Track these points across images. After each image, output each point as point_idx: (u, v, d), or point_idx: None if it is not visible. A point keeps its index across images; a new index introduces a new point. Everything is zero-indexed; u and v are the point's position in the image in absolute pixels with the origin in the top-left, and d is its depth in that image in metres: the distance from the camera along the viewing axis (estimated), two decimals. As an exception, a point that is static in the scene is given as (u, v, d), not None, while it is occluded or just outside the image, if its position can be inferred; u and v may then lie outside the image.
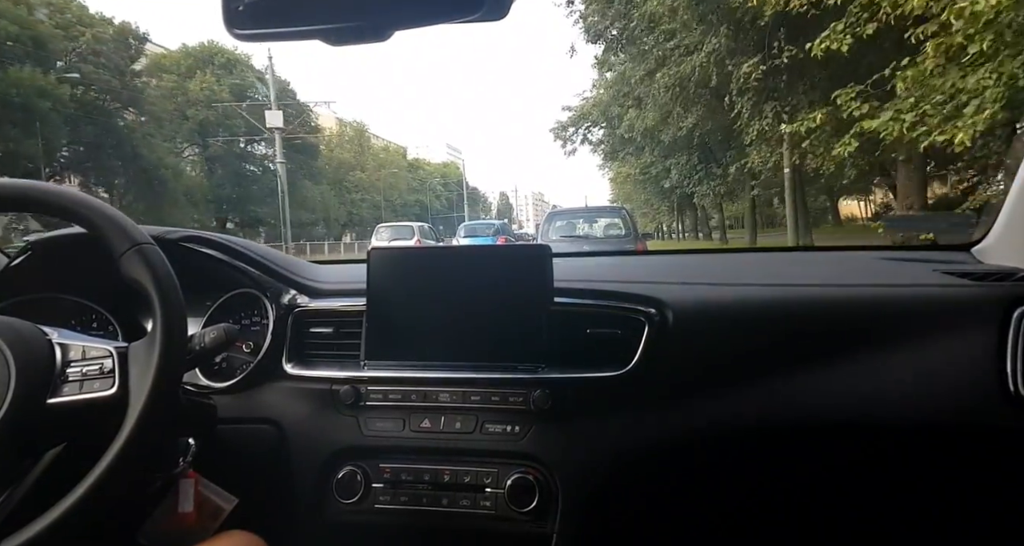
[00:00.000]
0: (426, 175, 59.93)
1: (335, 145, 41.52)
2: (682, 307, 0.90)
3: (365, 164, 44.33)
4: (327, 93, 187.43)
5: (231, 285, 1.03)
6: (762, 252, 1.50)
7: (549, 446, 0.87)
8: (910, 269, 1.05)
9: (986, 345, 0.82)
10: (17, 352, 0.62)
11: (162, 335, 0.64)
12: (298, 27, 0.51)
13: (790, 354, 0.89)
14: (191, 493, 0.82)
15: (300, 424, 0.95)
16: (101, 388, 0.63)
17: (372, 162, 45.87)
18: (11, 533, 0.57)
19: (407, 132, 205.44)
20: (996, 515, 0.91)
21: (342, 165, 40.61)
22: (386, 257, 0.94)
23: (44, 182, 0.71)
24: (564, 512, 0.85)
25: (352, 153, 43.30)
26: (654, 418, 0.88)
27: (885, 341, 0.86)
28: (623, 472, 0.87)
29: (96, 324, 1.03)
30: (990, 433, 0.83)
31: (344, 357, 0.95)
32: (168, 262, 0.68)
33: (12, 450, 0.61)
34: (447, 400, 0.90)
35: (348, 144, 43.61)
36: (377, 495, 0.89)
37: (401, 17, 0.50)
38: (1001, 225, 1.03)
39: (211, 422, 0.85)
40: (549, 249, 0.92)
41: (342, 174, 39.97)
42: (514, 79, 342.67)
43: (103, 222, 0.67)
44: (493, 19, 0.48)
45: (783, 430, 0.88)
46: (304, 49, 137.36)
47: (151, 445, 0.63)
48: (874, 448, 0.89)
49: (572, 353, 0.89)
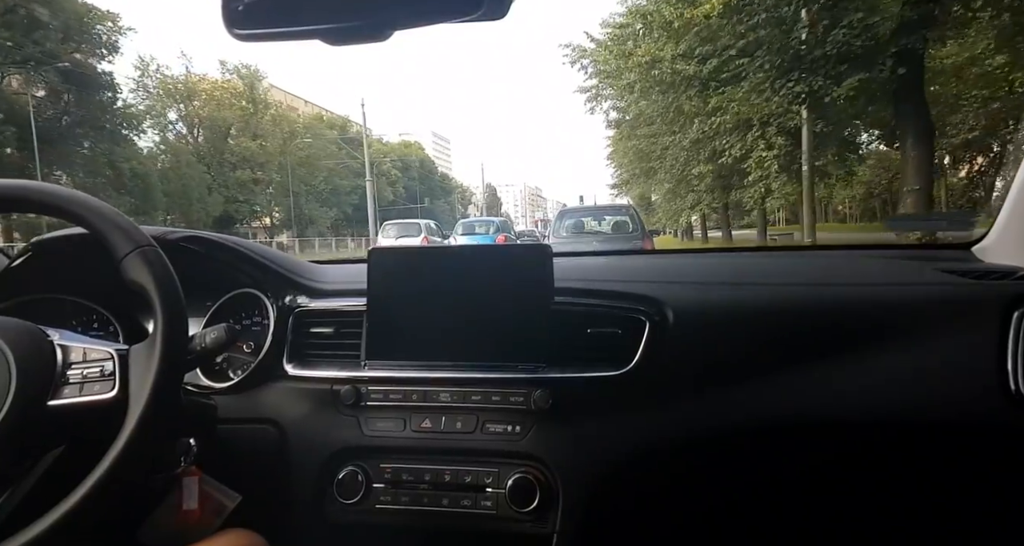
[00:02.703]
0: (376, 155, 44.58)
1: (208, 98, 30.08)
2: (683, 306, 0.90)
3: (262, 129, 31.70)
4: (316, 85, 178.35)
5: (232, 285, 1.03)
6: (763, 251, 1.50)
7: (550, 446, 0.87)
8: (910, 268, 1.05)
9: (986, 344, 0.82)
10: (18, 353, 0.62)
11: (163, 338, 0.64)
12: (298, 27, 0.52)
13: (791, 353, 0.89)
14: (195, 490, 0.82)
15: (301, 424, 0.95)
16: (101, 391, 0.63)
17: (276, 128, 33.02)
18: (12, 534, 0.57)
19: (392, 121, 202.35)
20: (997, 514, 0.91)
21: (217, 127, 29.84)
22: (386, 257, 0.94)
23: (46, 183, 0.71)
24: (565, 512, 0.85)
25: (239, 113, 31.06)
26: (655, 417, 0.88)
27: (886, 340, 0.86)
28: (624, 472, 0.87)
29: (97, 325, 1.03)
30: (990, 432, 0.83)
31: (345, 357, 0.95)
32: (169, 264, 0.68)
33: (12, 451, 0.61)
34: (448, 400, 0.90)
35: (234, 99, 31.38)
36: (378, 495, 0.89)
37: (401, 17, 0.50)
38: (1001, 224, 1.03)
39: (212, 422, 0.85)
40: (550, 248, 0.92)
41: (218, 142, 29.69)
42: (511, 68, 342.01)
43: (104, 224, 0.67)
44: (493, 18, 0.48)
45: (784, 429, 0.88)
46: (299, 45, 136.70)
47: (152, 446, 0.63)
48: (876, 447, 0.89)
49: (573, 353, 0.89)
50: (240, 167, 30.58)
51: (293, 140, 34.08)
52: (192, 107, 29.57)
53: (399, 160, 50.71)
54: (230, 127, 30.98)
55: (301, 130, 36.08)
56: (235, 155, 30.43)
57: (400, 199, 47.97)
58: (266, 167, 31.72)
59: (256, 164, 31.18)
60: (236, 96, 31.97)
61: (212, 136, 30.72)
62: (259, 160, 31.29)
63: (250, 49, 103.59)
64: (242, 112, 31.56)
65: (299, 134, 35.29)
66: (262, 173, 31.72)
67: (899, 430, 0.86)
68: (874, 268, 1.12)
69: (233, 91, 31.93)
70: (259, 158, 31.24)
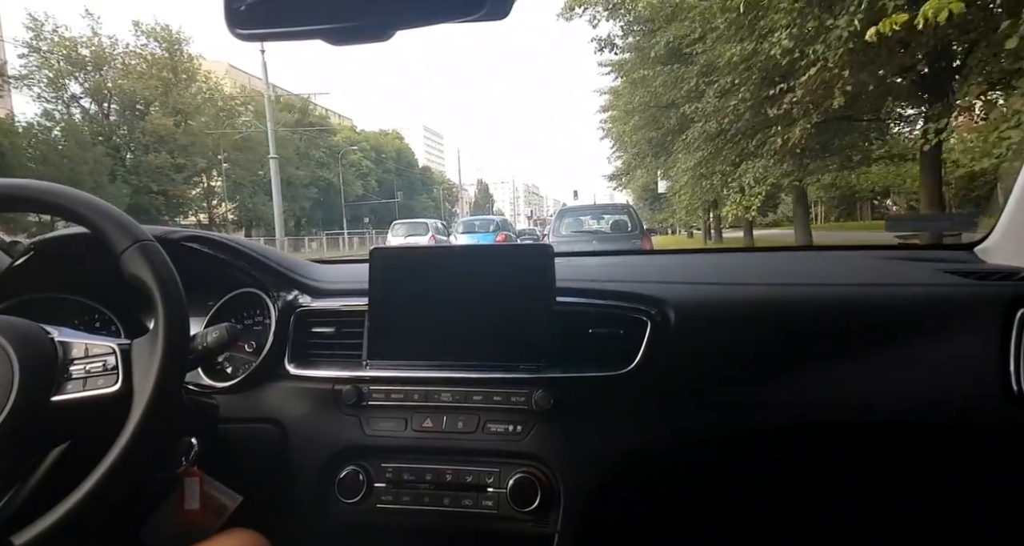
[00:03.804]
0: (342, 144, 39.14)
1: (121, 67, 24.38)
2: (684, 306, 0.90)
3: (184, 104, 25.85)
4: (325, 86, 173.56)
5: (233, 285, 1.03)
6: (764, 252, 1.49)
7: (551, 446, 0.87)
8: (912, 269, 1.05)
9: (989, 345, 0.82)
10: (20, 351, 0.62)
11: (164, 330, 0.64)
12: (300, 27, 0.52)
13: (792, 354, 0.89)
14: (197, 491, 0.82)
15: (302, 424, 0.95)
16: (105, 385, 0.64)
17: (208, 105, 27.03)
18: (16, 530, 0.57)
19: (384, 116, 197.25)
20: (999, 514, 0.91)
21: (131, 101, 24.19)
22: (388, 257, 0.94)
23: (44, 181, 0.71)
24: (566, 511, 0.85)
25: (157, 84, 25.16)
26: (656, 417, 0.88)
27: (888, 340, 0.86)
28: (625, 471, 0.87)
29: (99, 323, 1.03)
30: (993, 432, 0.83)
31: (346, 357, 0.95)
32: (168, 258, 0.68)
33: (17, 448, 0.61)
34: (449, 400, 0.90)
35: (153, 69, 25.67)
36: (379, 495, 0.89)
37: (402, 16, 0.50)
38: (1004, 224, 1.02)
39: (213, 421, 0.86)
40: (551, 248, 0.92)
41: (132, 120, 24.29)
42: (504, 63, 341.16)
43: (103, 221, 0.68)
44: (495, 19, 0.48)
45: (785, 429, 0.88)
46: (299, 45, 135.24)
47: (154, 443, 0.63)
48: (877, 447, 0.89)
49: (574, 352, 0.89)
50: (155, 150, 24.44)
51: (232, 120, 27.90)
52: (100, 77, 24.10)
53: (373, 151, 44.19)
54: (151, 103, 25.30)
55: (240, 108, 29.74)
56: (150, 135, 24.35)
57: (371, 193, 42.04)
58: (190, 151, 25.41)
59: (177, 147, 24.99)
60: (156, 65, 25.91)
61: (126, 113, 25.16)
62: (181, 142, 25.05)
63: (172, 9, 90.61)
64: (161, 83, 25.67)
65: (238, 113, 29.13)
66: (186, 159, 25.46)
67: (901, 430, 0.86)
68: (876, 268, 1.12)
69: (152, 59, 26.06)
70: (181, 140, 25.02)
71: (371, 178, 42.57)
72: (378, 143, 46.72)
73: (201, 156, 25.89)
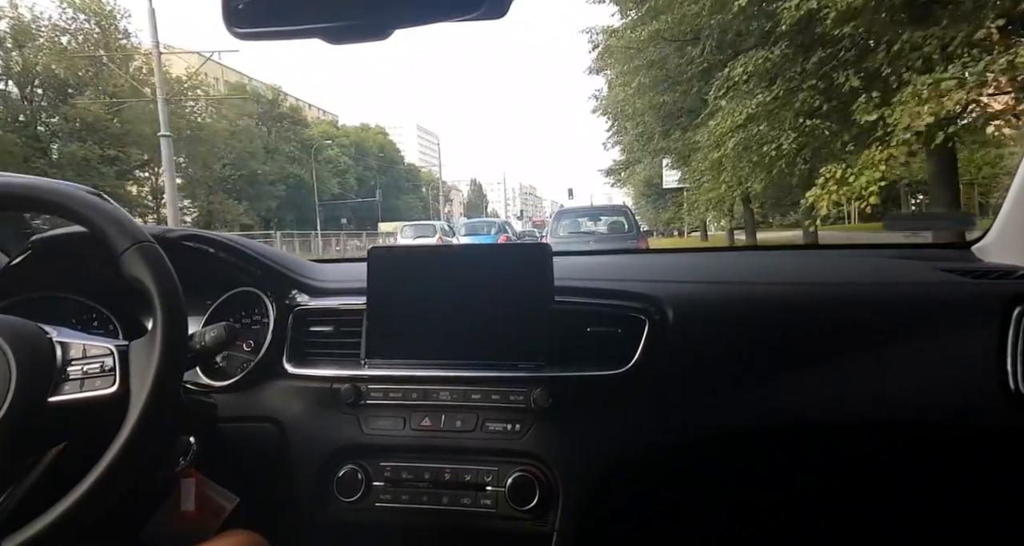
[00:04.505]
0: (317, 138, 35.54)
1: (47, 43, 20.88)
2: (682, 305, 0.90)
3: (118, 87, 21.67)
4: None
5: (231, 284, 1.03)
6: (762, 250, 1.50)
7: (550, 444, 0.87)
8: (910, 267, 1.05)
9: (986, 343, 0.82)
10: (18, 351, 0.62)
11: (163, 333, 0.64)
12: (298, 26, 0.52)
13: (790, 353, 0.89)
14: (193, 492, 0.82)
15: (301, 423, 0.95)
16: (102, 386, 0.63)
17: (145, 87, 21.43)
18: (13, 531, 0.57)
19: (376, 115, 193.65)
20: (997, 513, 0.91)
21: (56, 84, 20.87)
22: (386, 256, 0.94)
23: (44, 180, 0.71)
24: (565, 510, 0.85)
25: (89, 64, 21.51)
26: (654, 416, 0.88)
27: (885, 340, 0.86)
28: (624, 470, 0.88)
29: (97, 323, 1.03)
30: (990, 431, 0.83)
31: (344, 356, 0.95)
32: (168, 260, 0.68)
33: (13, 449, 0.61)
34: (447, 398, 0.90)
35: (84, 47, 22.00)
36: (378, 493, 0.89)
37: (401, 15, 0.50)
38: (1001, 223, 1.03)
39: (211, 421, 0.86)
40: (549, 247, 0.92)
41: (58, 104, 20.91)
42: (501, 63, 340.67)
43: (103, 221, 0.67)
44: (493, 18, 0.48)
45: (783, 428, 0.88)
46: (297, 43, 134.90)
47: (152, 443, 0.63)
48: (874, 447, 0.89)
49: (572, 351, 0.89)
50: (79, 139, 20.58)
51: (179, 106, 23.52)
52: (22, 56, 20.57)
53: (352, 146, 40.08)
54: (84, 87, 21.82)
55: (191, 92, 25.51)
56: (78, 122, 20.64)
57: (350, 192, 38.05)
58: (124, 140, 21.90)
59: (109, 136, 21.43)
60: (89, 42, 22.28)
61: (54, 97, 21.56)
62: (113, 131, 21.49)
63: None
64: (92, 64, 22.12)
65: (185, 98, 24.79)
66: (119, 150, 21.81)
67: (899, 429, 0.86)
68: (874, 267, 1.12)
69: (84, 35, 22.37)
70: (112, 128, 21.49)
71: (349, 176, 38.67)
72: (359, 138, 42.81)
73: (138, 147, 22.29)
